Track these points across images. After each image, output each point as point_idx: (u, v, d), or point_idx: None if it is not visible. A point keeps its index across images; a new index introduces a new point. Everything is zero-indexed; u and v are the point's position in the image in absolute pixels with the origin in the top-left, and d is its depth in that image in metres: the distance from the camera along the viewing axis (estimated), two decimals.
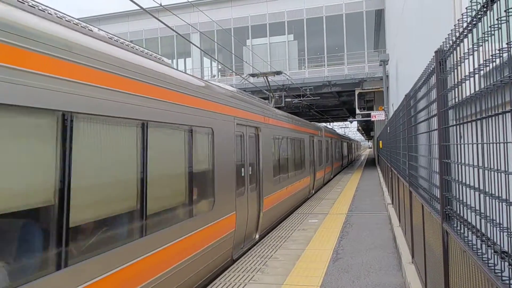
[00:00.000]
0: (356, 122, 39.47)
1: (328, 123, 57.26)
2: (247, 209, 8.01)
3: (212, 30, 30.88)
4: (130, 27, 33.85)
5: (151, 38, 33.65)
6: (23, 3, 3.38)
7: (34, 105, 3.01)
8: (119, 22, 33.96)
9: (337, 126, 67.74)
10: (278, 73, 14.50)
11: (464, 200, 2.47)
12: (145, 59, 4.73)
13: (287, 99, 27.28)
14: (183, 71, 7.04)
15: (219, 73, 35.30)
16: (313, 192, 16.82)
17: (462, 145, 2.51)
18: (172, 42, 33.88)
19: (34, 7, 3.50)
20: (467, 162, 2.36)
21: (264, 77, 15.04)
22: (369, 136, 76.86)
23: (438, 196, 3.21)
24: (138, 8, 7.11)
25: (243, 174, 7.92)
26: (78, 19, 4.20)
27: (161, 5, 11.02)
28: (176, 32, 10.12)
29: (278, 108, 15.90)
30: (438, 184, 3.21)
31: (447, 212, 2.93)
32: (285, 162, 11.79)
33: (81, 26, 4.09)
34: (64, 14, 4.02)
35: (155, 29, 32.73)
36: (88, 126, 3.61)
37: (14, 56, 2.88)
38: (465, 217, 2.45)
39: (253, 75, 15.18)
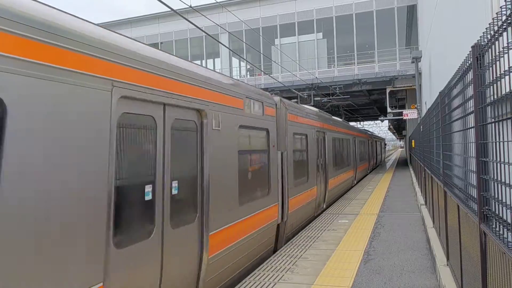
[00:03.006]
0: (387, 121, 38.62)
1: (358, 122, 56.36)
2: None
3: (240, 30, 31.00)
4: (160, 29, 34.52)
5: (181, 40, 34.19)
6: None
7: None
8: (150, 24, 34.70)
9: (367, 125, 66.56)
10: None
11: (503, 200, 2.38)
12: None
13: (316, 98, 27.08)
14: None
15: (248, 73, 35.42)
16: (370, 170, 27.77)
17: (501, 143, 2.42)
18: (201, 43, 34.28)
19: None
20: (506, 160, 2.27)
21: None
22: (400, 135, 75.11)
23: (475, 196, 3.10)
24: (169, 10, 7.26)
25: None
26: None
27: (190, 6, 11.17)
28: (205, 32, 10.24)
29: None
30: (475, 184, 3.10)
31: (485, 213, 2.83)
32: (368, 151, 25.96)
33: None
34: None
35: (184, 30, 33.22)
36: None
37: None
38: (504, 217, 2.36)
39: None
